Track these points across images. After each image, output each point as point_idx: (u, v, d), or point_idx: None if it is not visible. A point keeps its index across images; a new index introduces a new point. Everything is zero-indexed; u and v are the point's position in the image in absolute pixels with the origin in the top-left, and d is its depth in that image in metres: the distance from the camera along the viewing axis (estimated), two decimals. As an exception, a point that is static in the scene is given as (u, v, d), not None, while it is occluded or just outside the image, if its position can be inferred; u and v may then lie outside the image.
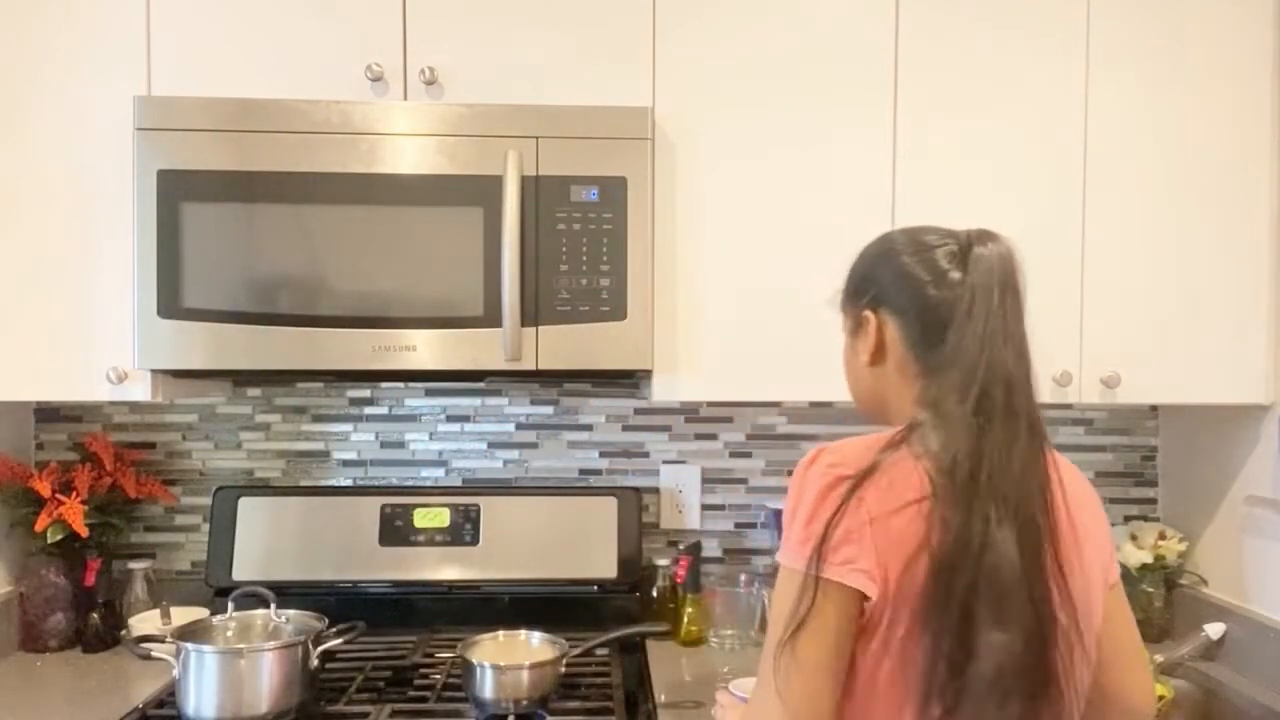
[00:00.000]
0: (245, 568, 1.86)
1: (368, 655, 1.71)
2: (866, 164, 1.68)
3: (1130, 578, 1.82)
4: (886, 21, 1.68)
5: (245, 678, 1.42)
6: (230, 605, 1.58)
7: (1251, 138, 1.71)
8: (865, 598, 0.89)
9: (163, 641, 1.54)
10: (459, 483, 2.05)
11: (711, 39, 1.67)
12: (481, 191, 1.57)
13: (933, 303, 1.00)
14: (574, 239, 1.59)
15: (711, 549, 2.06)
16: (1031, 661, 0.88)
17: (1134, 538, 1.94)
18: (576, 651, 1.56)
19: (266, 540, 1.88)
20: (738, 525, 2.08)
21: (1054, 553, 0.92)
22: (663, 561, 1.96)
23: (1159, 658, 1.70)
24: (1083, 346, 1.69)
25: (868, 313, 1.06)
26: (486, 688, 1.47)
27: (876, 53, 1.68)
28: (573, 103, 1.62)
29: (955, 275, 0.99)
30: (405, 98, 1.63)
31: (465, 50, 1.65)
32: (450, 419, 2.05)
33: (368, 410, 2.04)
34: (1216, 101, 1.70)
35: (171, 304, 1.56)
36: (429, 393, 2.04)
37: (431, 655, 1.73)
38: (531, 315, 1.58)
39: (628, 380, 2.05)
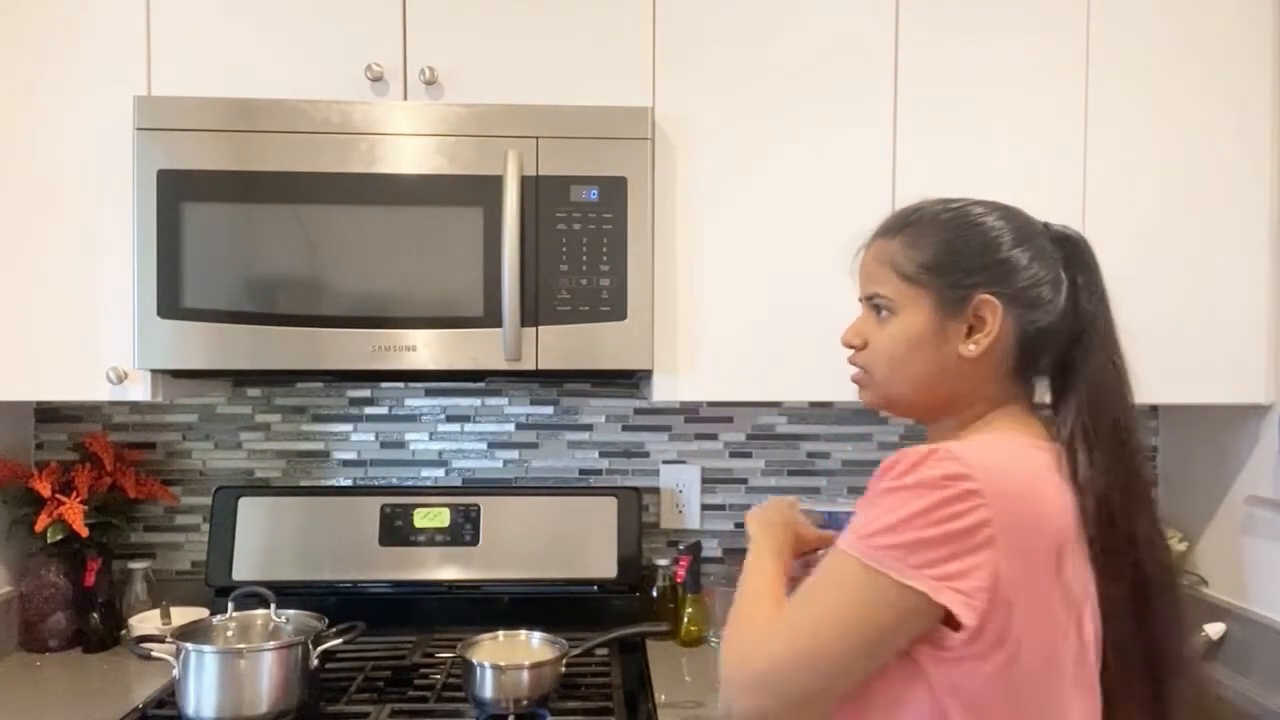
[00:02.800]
0: (245, 568, 1.86)
1: (368, 655, 1.71)
2: (866, 164, 1.68)
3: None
4: (886, 22, 1.68)
5: (245, 678, 1.42)
6: (230, 605, 1.58)
7: (1251, 138, 1.70)
8: None
9: (163, 641, 1.54)
10: (459, 483, 2.05)
11: (711, 39, 1.67)
12: (481, 191, 1.57)
13: (1056, 309, 0.97)
14: (574, 239, 1.59)
15: (711, 549, 2.06)
16: None
17: (1134, 538, 1.93)
18: (576, 651, 1.56)
19: (266, 540, 1.88)
20: (738, 525, 2.07)
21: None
22: (663, 561, 1.95)
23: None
24: (1083, 346, 1.69)
25: (988, 297, 0.95)
26: (486, 688, 1.47)
27: (876, 54, 1.68)
28: (573, 103, 1.62)
29: (1068, 283, 0.99)
30: (405, 98, 1.63)
31: (465, 50, 1.65)
32: (450, 419, 2.05)
33: (368, 410, 2.04)
34: (1216, 102, 1.70)
35: (171, 304, 1.56)
36: (429, 393, 2.04)
37: (431, 655, 1.73)
38: (531, 315, 1.58)
39: (628, 380, 2.05)
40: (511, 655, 1.54)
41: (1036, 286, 0.97)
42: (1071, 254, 1.01)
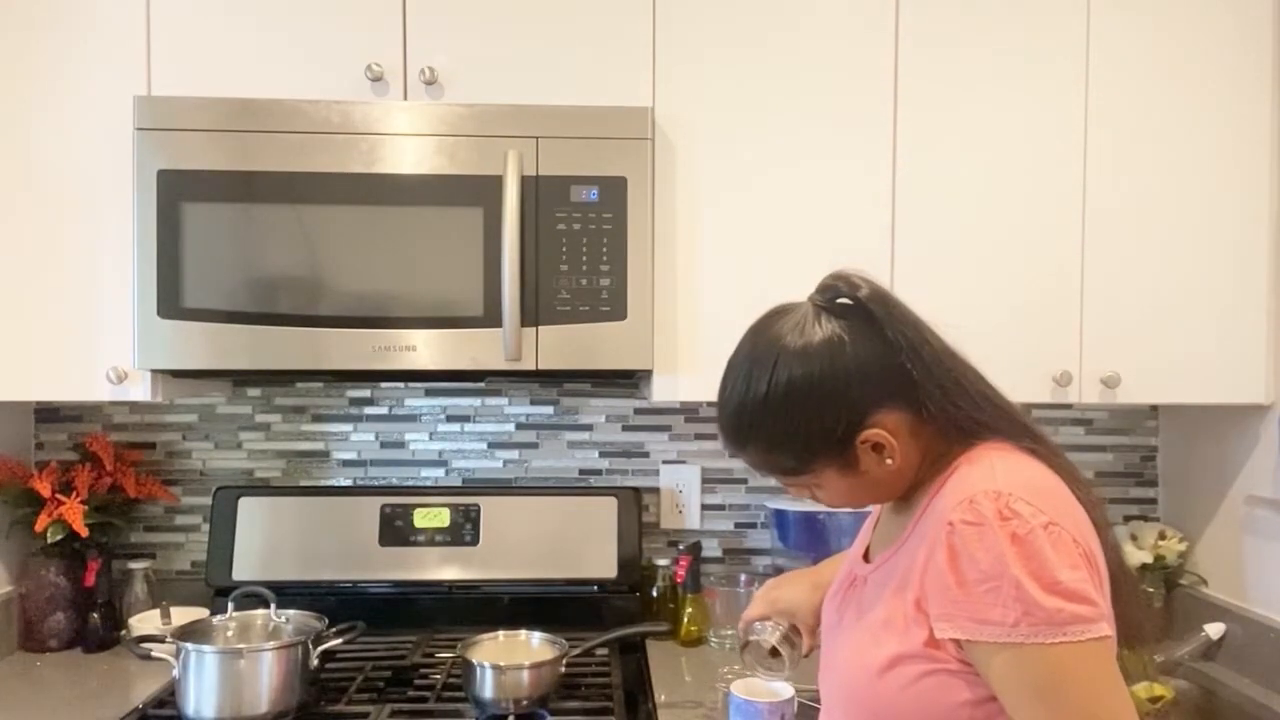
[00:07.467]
0: (245, 568, 1.86)
1: (368, 655, 1.71)
2: (866, 163, 1.68)
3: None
4: (886, 25, 1.68)
5: (245, 678, 1.43)
6: (230, 605, 1.58)
7: (1251, 139, 1.70)
8: None
9: (163, 641, 1.54)
10: (459, 483, 2.05)
11: (711, 40, 1.67)
12: (481, 191, 1.57)
13: (887, 360, 0.94)
14: (574, 239, 1.59)
15: (711, 549, 2.06)
16: None
17: (1134, 538, 1.94)
18: (576, 651, 1.56)
19: (266, 540, 1.88)
20: (738, 525, 2.08)
21: None
22: (663, 561, 1.96)
23: (1159, 658, 1.71)
24: (1083, 346, 1.69)
25: (864, 435, 0.93)
26: (486, 688, 1.47)
27: (876, 55, 1.68)
28: (573, 103, 1.62)
29: (874, 333, 0.95)
30: (405, 98, 1.63)
31: (465, 50, 1.65)
32: (450, 419, 2.05)
33: (368, 410, 2.04)
34: (1216, 103, 1.70)
35: (171, 304, 1.56)
36: (429, 393, 2.04)
37: (431, 655, 1.73)
38: (531, 315, 1.58)
39: (628, 380, 2.05)
40: (511, 655, 1.54)
41: (869, 372, 0.93)
42: (862, 311, 0.97)
